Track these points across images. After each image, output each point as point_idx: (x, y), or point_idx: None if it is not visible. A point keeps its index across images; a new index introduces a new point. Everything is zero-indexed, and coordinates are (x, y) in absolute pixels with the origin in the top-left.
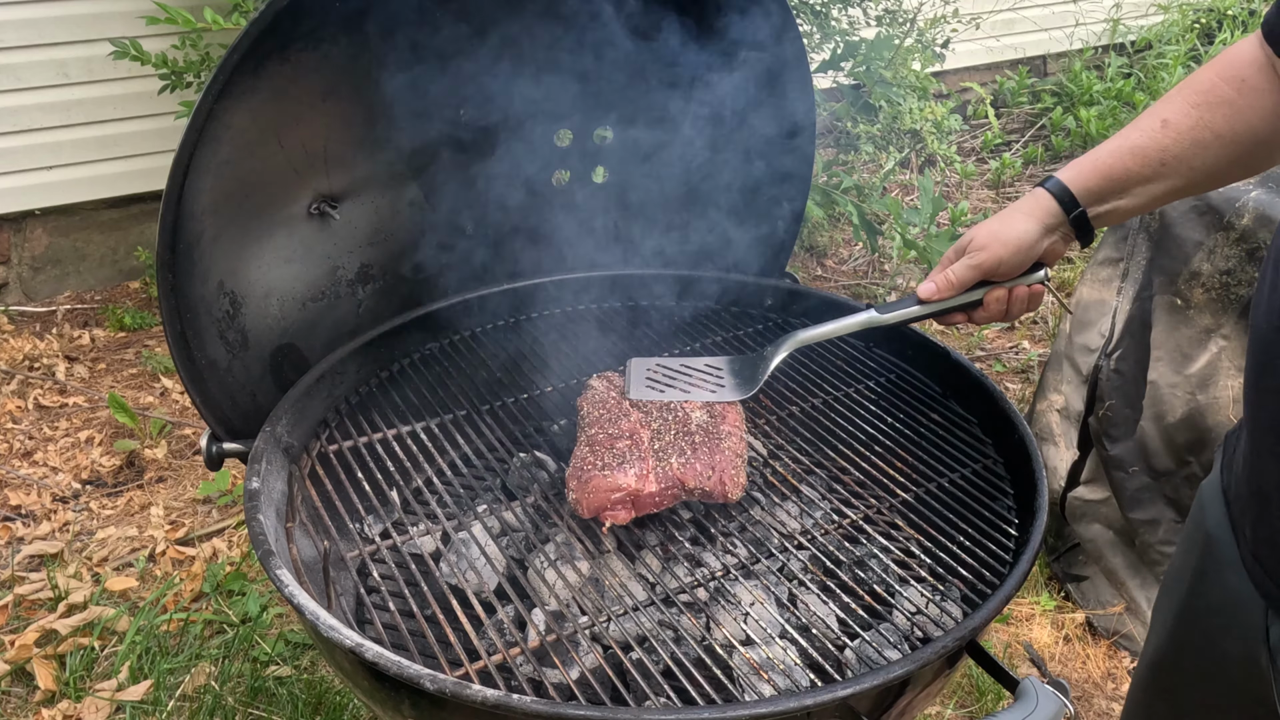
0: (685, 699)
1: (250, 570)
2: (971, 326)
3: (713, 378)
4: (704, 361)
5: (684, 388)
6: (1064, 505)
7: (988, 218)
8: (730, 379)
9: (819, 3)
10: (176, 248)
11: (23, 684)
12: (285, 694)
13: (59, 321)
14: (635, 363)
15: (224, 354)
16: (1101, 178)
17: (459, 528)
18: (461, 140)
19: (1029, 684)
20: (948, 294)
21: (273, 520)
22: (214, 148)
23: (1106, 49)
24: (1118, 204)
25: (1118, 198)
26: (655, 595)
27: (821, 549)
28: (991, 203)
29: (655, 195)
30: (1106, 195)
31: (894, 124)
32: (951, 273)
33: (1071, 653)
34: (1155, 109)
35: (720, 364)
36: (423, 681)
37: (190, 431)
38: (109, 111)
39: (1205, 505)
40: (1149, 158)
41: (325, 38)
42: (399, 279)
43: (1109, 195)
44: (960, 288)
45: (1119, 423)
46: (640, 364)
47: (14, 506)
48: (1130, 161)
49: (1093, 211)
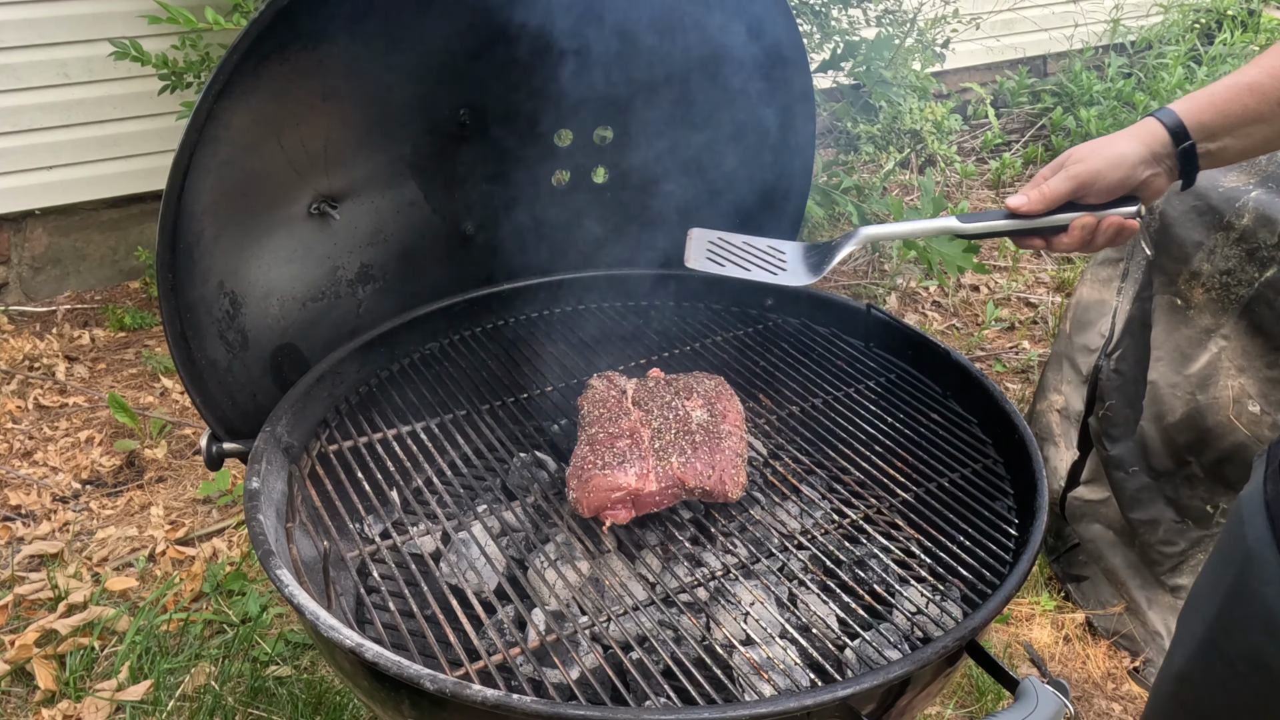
0: (685, 699)
1: (250, 570)
2: (973, 328)
3: (774, 259)
4: (767, 243)
5: (743, 265)
6: (1064, 505)
7: None
8: (793, 263)
9: (819, 3)
10: (176, 247)
11: (23, 684)
12: (285, 694)
13: (59, 321)
14: (696, 233)
15: (224, 354)
16: (1216, 112)
17: (459, 528)
18: (461, 140)
19: (1029, 684)
20: (1038, 207)
21: (273, 520)
22: (214, 148)
23: (1106, 49)
24: (1227, 143)
25: (1229, 135)
26: (655, 595)
27: (821, 549)
28: (991, 203)
29: (655, 195)
30: (1218, 132)
31: (894, 124)
32: (1045, 184)
33: (1071, 653)
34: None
35: (784, 247)
36: (423, 681)
37: (190, 431)
38: (109, 111)
39: (1245, 520)
40: (1268, 95)
41: (325, 38)
42: (399, 279)
43: (1220, 132)
44: (1053, 202)
45: (1119, 423)
46: (702, 235)
47: (14, 506)
48: (1248, 98)
49: (1201, 148)
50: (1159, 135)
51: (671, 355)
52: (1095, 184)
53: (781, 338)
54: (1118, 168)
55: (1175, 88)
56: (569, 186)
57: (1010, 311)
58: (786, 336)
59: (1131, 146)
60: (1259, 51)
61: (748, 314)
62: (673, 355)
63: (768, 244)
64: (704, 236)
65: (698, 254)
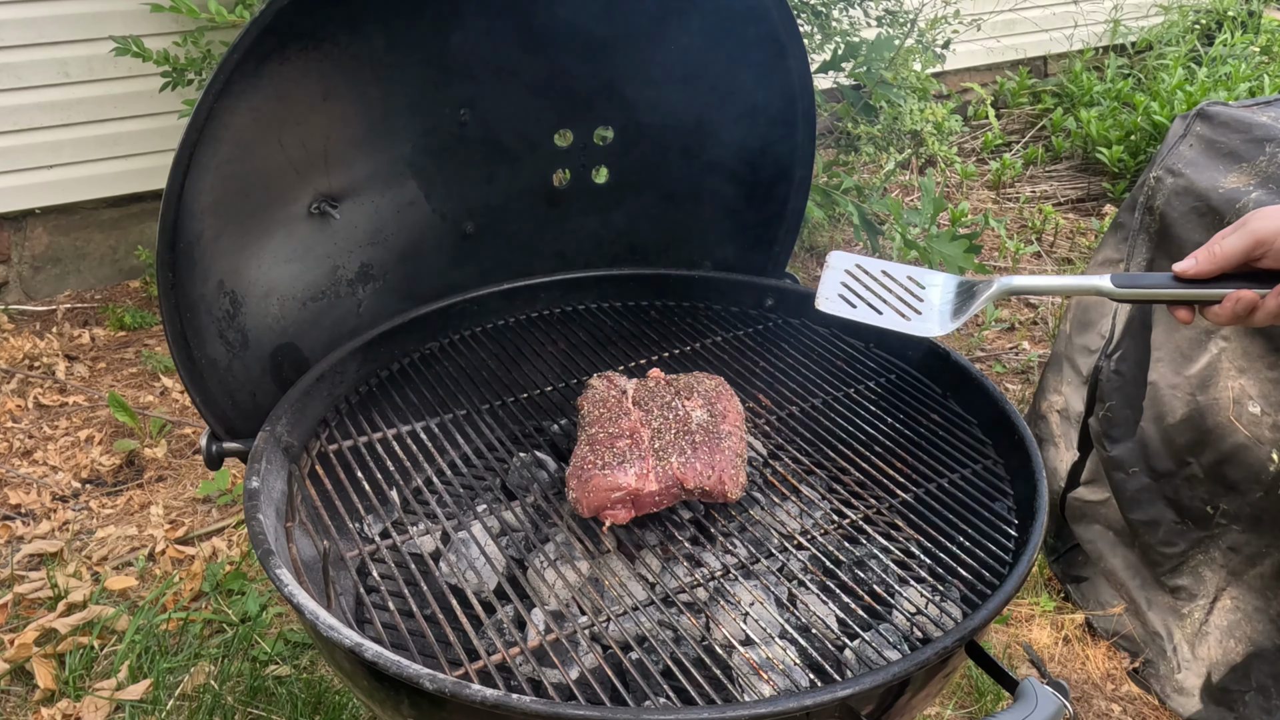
0: (685, 699)
1: (250, 569)
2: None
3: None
4: (906, 272)
5: (876, 305)
6: (1064, 506)
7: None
8: (929, 305)
9: (819, 3)
10: (177, 247)
11: (22, 683)
12: (285, 693)
13: (59, 320)
14: (835, 258)
15: (224, 353)
16: None
17: (459, 527)
18: (461, 140)
19: (1028, 685)
20: (1207, 269)
21: (272, 520)
22: (214, 147)
23: (1107, 50)
24: None
25: None
26: (655, 595)
27: (821, 549)
28: (992, 203)
29: (656, 195)
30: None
31: (894, 125)
32: (1217, 244)
33: (1071, 653)
34: None
35: (924, 279)
36: (422, 681)
37: (190, 431)
38: (109, 110)
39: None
40: None
41: (325, 37)
42: (399, 279)
43: None
44: (1225, 262)
45: (1119, 423)
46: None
47: (14, 505)
48: None
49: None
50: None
51: (671, 355)
52: (1275, 243)
53: (781, 338)
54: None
55: (1175, 89)
56: (569, 186)
57: (1010, 312)
58: (786, 336)
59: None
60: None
61: (748, 314)
62: (673, 355)
63: (907, 274)
64: (841, 264)
65: (830, 289)
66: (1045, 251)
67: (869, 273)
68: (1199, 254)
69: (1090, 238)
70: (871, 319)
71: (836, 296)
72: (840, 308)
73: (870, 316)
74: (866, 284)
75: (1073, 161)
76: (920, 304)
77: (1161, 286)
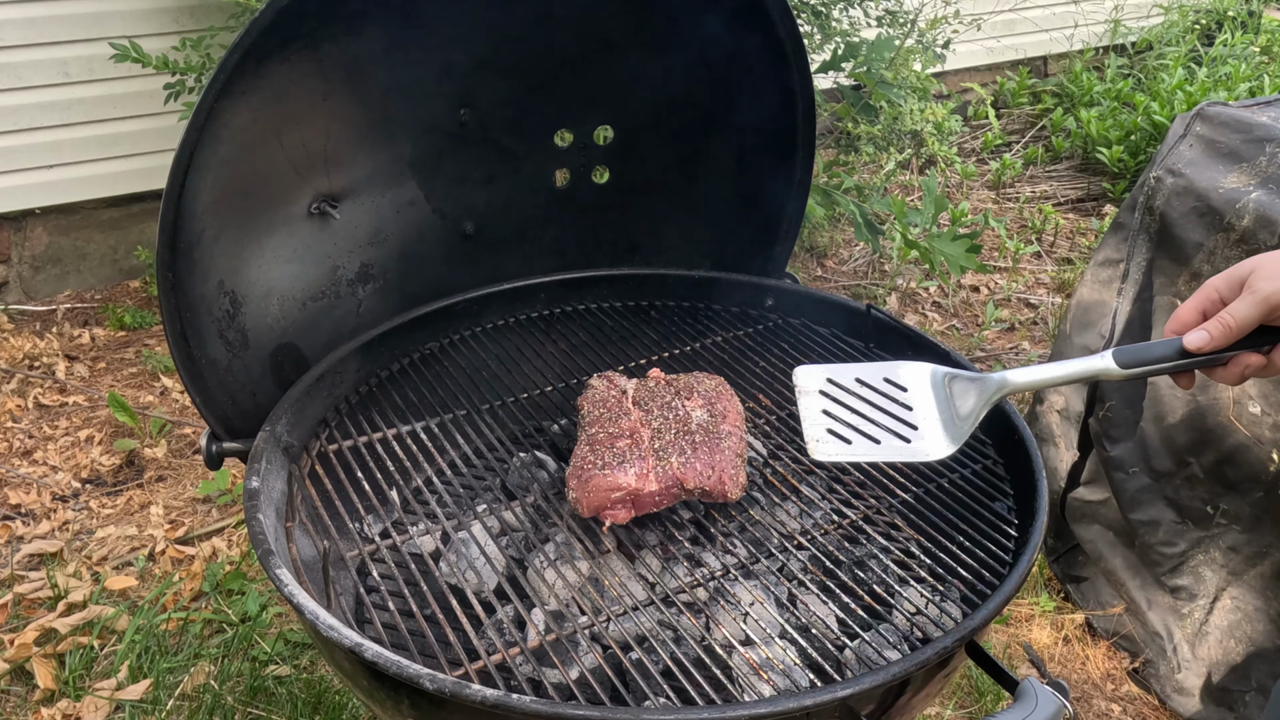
0: (685, 699)
1: (250, 569)
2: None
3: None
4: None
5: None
6: (1064, 506)
7: (988, 219)
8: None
9: (819, 3)
10: (176, 247)
11: (22, 683)
12: (284, 693)
13: (59, 320)
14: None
15: (224, 353)
16: None
17: (459, 527)
18: (461, 140)
19: (1028, 685)
20: (1223, 343)
21: (272, 520)
22: (214, 147)
23: (1107, 50)
24: None
25: None
26: (655, 595)
27: (821, 549)
28: (992, 203)
29: (656, 195)
30: None
31: (895, 125)
32: (1229, 315)
33: (1071, 653)
34: None
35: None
36: (422, 681)
37: (190, 430)
38: (109, 110)
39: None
40: None
41: (325, 37)
42: (399, 279)
43: None
44: (1240, 331)
45: (1119, 424)
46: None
47: (14, 505)
48: None
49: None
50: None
51: (671, 355)
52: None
53: (781, 338)
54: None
55: (1175, 89)
56: (569, 186)
57: (1010, 312)
58: (786, 336)
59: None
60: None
61: (748, 314)
62: (673, 355)
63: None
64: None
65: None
66: (1045, 252)
67: (844, 388)
68: (1211, 329)
69: (1090, 238)
70: (872, 454)
71: (827, 435)
72: (837, 450)
73: (870, 451)
74: (848, 404)
75: (1073, 161)
76: (911, 414)
77: (1168, 360)
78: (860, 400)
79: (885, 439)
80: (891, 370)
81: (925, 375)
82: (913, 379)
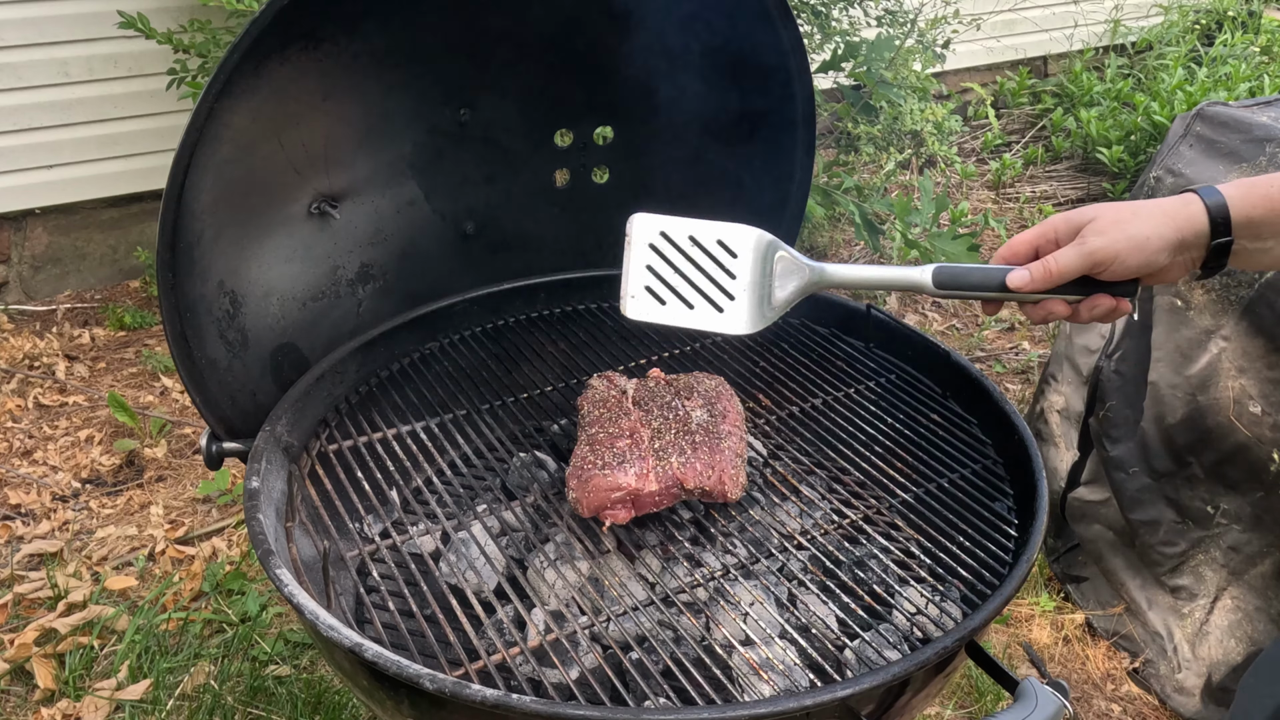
0: (685, 699)
1: (250, 569)
2: (973, 328)
3: (724, 277)
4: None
5: (688, 296)
6: (1064, 506)
7: (988, 219)
8: (742, 287)
9: (819, 3)
10: (176, 247)
11: (22, 683)
12: (284, 693)
13: (59, 320)
14: (637, 227)
15: (224, 353)
16: (1270, 210)
17: (459, 527)
18: (461, 140)
19: (1028, 685)
20: (1041, 286)
21: (272, 520)
22: (214, 147)
23: (1107, 50)
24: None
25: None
26: (655, 595)
27: (821, 549)
28: (992, 203)
29: (656, 195)
30: (1266, 233)
31: (895, 125)
32: (1054, 260)
33: (1071, 653)
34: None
35: (734, 246)
36: (422, 681)
37: (190, 431)
38: (109, 110)
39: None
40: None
41: (325, 37)
42: (399, 279)
43: (1271, 234)
44: (1060, 279)
45: (1119, 424)
46: (642, 232)
47: (14, 505)
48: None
49: (1239, 244)
50: (1197, 223)
51: (671, 355)
52: (1111, 266)
53: (781, 338)
54: (1140, 251)
55: (1175, 89)
56: (569, 186)
57: (1010, 312)
58: (786, 336)
59: (1161, 230)
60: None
61: None
62: (673, 355)
63: (716, 237)
64: (644, 237)
65: (636, 282)
66: None
67: (675, 244)
68: (1035, 271)
69: None
70: (683, 319)
71: (644, 293)
72: (651, 309)
73: (681, 316)
74: (674, 262)
75: (1073, 161)
76: (733, 282)
77: (984, 289)
78: (686, 261)
79: (699, 304)
80: (727, 233)
81: (756, 243)
82: (743, 245)
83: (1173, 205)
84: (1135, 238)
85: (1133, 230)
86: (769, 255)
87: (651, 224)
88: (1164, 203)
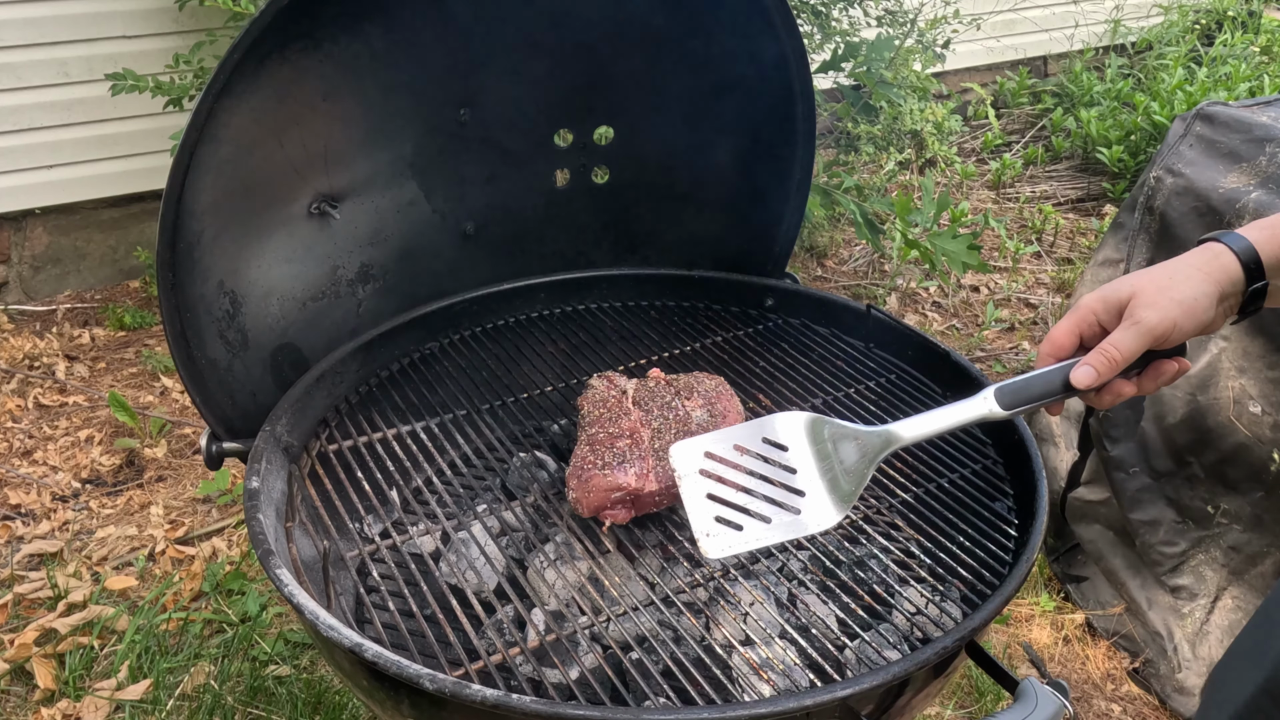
0: (685, 699)
1: (250, 569)
2: (972, 328)
3: (784, 475)
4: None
5: (760, 510)
6: (1064, 506)
7: (988, 219)
8: (809, 481)
9: (819, 3)
10: (176, 247)
11: (22, 683)
12: (285, 693)
13: (59, 320)
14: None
15: (224, 353)
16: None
17: (459, 527)
18: (461, 140)
19: (1028, 684)
20: (1109, 377)
21: (272, 520)
22: (214, 147)
23: (1107, 50)
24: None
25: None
26: (655, 595)
27: (821, 549)
28: (992, 203)
29: (656, 195)
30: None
31: (895, 125)
32: (1113, 348)
33: (1071, 653)
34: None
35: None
36: (422, 681)
37: (190, 430)
38: (109, 110)
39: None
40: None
41: (325, 38)
42: (399, 279)
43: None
44: (1125, 364)
45: (1119, 423)
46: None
47: (14, 505)
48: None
49: (1273, 285)
50: (1232, 273)
51: (671, 355)
52: (1171, 336)
53: (781, 338)
54: (1192, 315)
55: (1175, 89)
56: (569, 186)
57: (1010, 312)
58: (786, 337)
59: (1204, 288)
60: (1259, 53)
61: (748, 314)
62: (673, 355)
63: (760, 437)
64: (690, 466)
65: (703, 520)
66: (1045, 251)
67: (723, 460)
68: (1098, 365)
69: (1090, 238)
70: (765, 538)
71: (717, 526)
72: (731, 542)
73: (762, 535)
74: (731, 479)
75: (1073, 161)
76: (796, 477)
77: (1050, 396)
78: (742, 473)
79: (775, 515)
80: (768, 428)
81: (803, 428)
82: (791, 435)
83: (1203, 259)
84: (1184, 302)
85: (1179, 295)
86: (819, 433)
87: (693, 449)
88: (1193, 259)
